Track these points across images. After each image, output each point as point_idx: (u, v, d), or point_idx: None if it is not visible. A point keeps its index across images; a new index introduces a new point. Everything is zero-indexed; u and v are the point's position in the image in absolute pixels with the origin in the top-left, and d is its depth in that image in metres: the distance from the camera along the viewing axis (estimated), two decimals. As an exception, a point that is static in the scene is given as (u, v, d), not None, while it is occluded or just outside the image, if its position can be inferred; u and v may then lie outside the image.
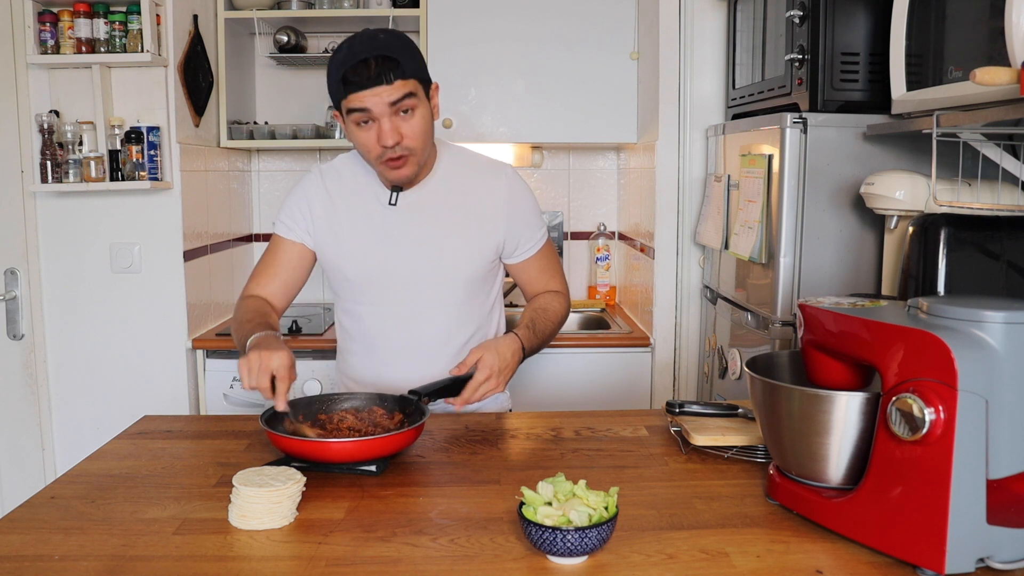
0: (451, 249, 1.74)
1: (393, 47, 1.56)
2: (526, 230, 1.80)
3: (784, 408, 1.20)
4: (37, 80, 2.64)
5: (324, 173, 1.78)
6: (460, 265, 1.75)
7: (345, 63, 1.55)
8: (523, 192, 1.81)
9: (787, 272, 2.02)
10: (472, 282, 1.77)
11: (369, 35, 1.58)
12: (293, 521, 1.24)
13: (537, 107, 3.00)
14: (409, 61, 1.58)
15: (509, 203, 1.76)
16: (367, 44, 1.55)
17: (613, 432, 1.64)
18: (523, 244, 1.81)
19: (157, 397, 2.73)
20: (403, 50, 1.57)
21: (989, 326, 1.04)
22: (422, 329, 1.76)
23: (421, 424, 1.47)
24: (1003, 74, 1.29)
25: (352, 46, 1.57)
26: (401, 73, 1.55)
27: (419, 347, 1.76)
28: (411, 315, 1.75)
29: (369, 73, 1.53)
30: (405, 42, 1.60)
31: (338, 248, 1.75)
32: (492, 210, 1.76)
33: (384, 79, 1.54)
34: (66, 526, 1.23)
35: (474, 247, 1.75)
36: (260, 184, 3.46)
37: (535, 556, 1.12)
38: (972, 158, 1.56)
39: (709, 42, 2.64)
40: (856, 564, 1.09)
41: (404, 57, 1.56)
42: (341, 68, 1.55)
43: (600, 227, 3.44)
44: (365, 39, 1.57)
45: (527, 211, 1.80)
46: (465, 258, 1.75)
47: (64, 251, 2.72)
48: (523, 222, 1.79)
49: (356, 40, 1.57)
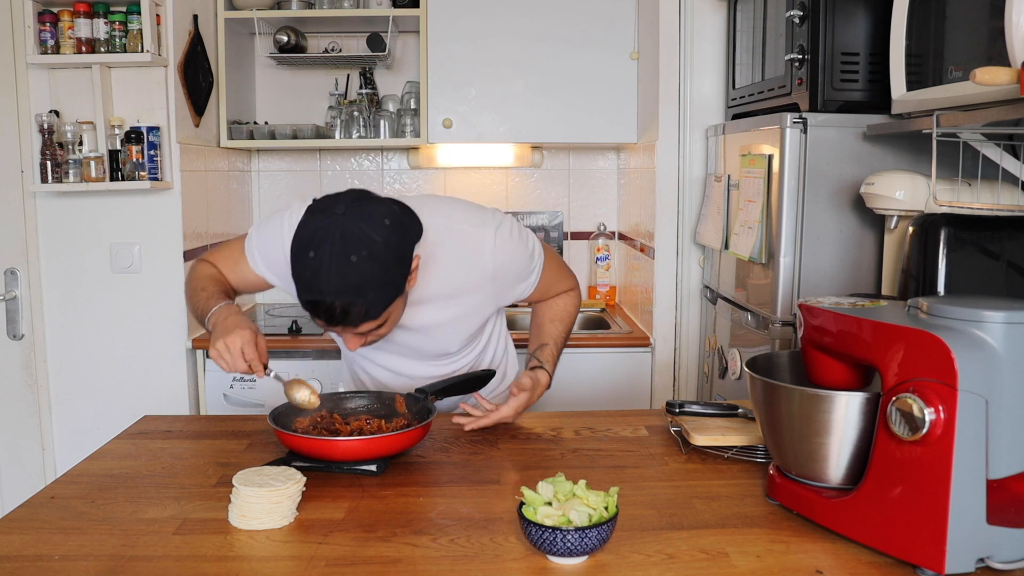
0: (440, 330, 1.67)
1: (364, 288, 1.33)
2: (519, 284, 1.69)
3: (784, 408, 1.20)
4: (37, 80, 2.64)
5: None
6: (451, 341, 1.71)
7: (309, 290, 1.34)
8: (508, 255, 1.63)
9: (787, 272, 2.02)
10: (467, 342, 1.75)
11: (341, 261, 1.31)
12: (293, 521, 1.24)
13: (537, 107, 2.99)
14: (378, 300, 1.37)
15: (495, 276, 1.63)
16: (336, 279, 1.32)
17: (613, 432, 1.64)
18: (521, 293, 1.72)
19: (157, 397, 2.73)
20: (374, 288, 1.35)
21: (989, 326, 1.04)
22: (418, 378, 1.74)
23: (428, 422, 1.47)
24: (1003, 74, 1.28)
25: (319, 272, 1.32)
26: (368, 316, 1.38)
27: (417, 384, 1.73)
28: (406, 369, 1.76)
29: (333, 315, 1.35)
30: (383, 271, 1.35)
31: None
32: (478, 286, 1.63)
33: (348, 324, 1.38)
34: (66, 526, 1.23)
35: (465, 324, 1.69)
36: (260, 184, 3.46)
37: (535, 556, 1.12)
38: (972, 158, 1.56)
39: (709, 42, 2.64)
40: (856, 564, 1.09)
41: (374, 298, 1.36)
42: (304, 292, 1.36)
43: (600, 227, 3.44)
44: (336, 266, 1.31)
45: (517, 270, 1.67)
46: (456, 334, 1.70)
47: (64, 251, 2.72)
48: (515, 280, 1.68)
49: (324, 262, 1.32)
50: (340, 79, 3.30)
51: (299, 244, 1.36)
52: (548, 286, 1.77)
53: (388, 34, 3.03)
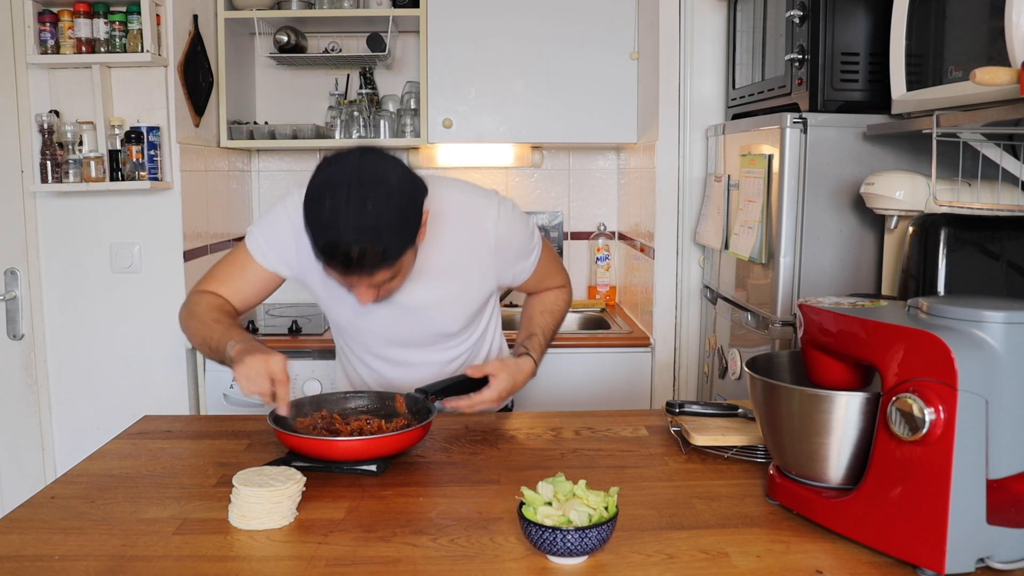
0: (440, 308, 1.67)
1: (381, 232, 1.34)
2: (519, 262, 1.71)
3: (784, 408, 1.20)
4: (37, 80, 2.64)
5: None
6: (452, 321, 1.71)
7: (325, 233, 1.34)
8: (510, 232, 1.65)
9: (787, 272, 2.02)
10: (467, 323, 1.74)
11: (358, 204, 1.32)
12: (293, 521, 1.24)
13: (537, 107, 2.99)
14: (395, 245, 1.38)
15: (497, 250, 1.64)
16: (354, 220, 1.32)
17: (613, 432, 1.64)
18: (519, 274, 1.74)
19: (157, 397, 2.73)
20: (391, 233, 1.36)
21: (989, 326, 1.04)
22: (417, 364, 1.75)
23: (429, 422, 1.47)
24: (1003, 74, 1.29)
25: (336, 214, 1.32)
26: (385, 263, 1.38)
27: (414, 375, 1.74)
28: (405, 357, 1.75)
29: (350, 260, 1.35)
30: (399, 216, 1.37)
31: (321, 296, 1.68)
32: (479, 260, 1.64)
33: (365, 271, 1.37)
34: (66, 526, 1.23)
35: (465, 301, 1.69)
36: (260, 184, 3.46)
37: (535, 556, 1.12)
38: (972, 158, 1.56)
39: (709, 42, 2.64)
40: (856, 564, 1.09)
41: (391, 243, 1.36)
42: (320, 236, 1.35)
43: (600, 227, 3.44)
44: (354, 209, 1.32)
45: (519, 247, 1.69)
46: (457, 313, 1.70)
47: (64, 251, 2.72)
48: (515, 256, 1.69)
49: (342, 205, 1.32)
50: (340, 79, 3.30)
51: (314, 191, 1.36)
52: (543, 276, 1.79)
53: (388, 34, 3.03)
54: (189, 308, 1.63)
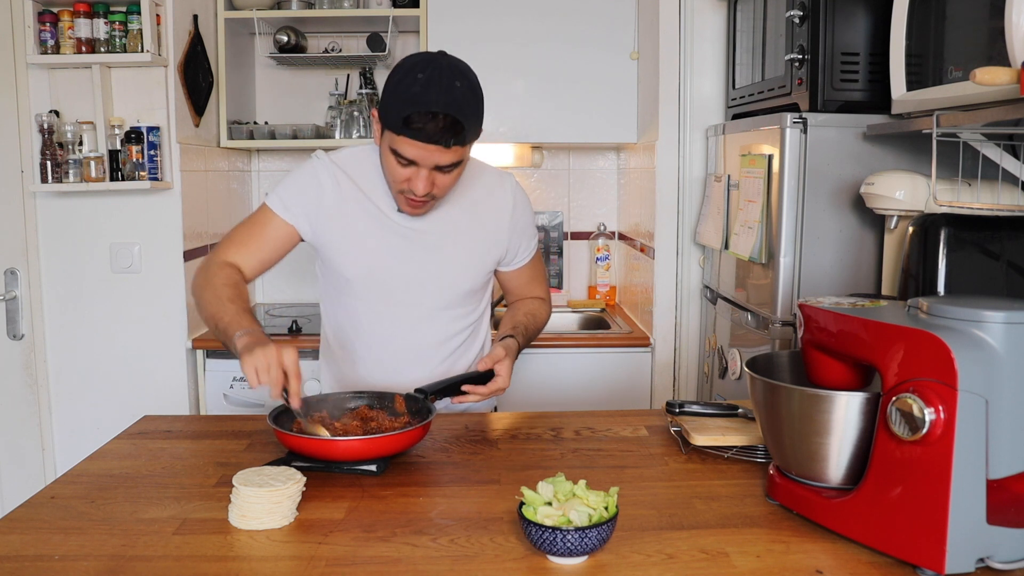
0: (454, 261, 1.73)
1: (466, 110, 1.48)
2: (525, 240, 1.82)
3: (784, 408, 1.20)
4: (37, 80, 2.64)
5: (336, 165, 1.70)
6: (462, 277, 1.75)
7: (415, 103, 1.45)
8: (525, 204, 1.82)
9: (787, 272, 2.02)
10: (471, 292, 1.78)
11: (448, 81, 1.47)
12: (293, 521, 1.24)
13: (537, 107, 3.00)
14: (473, 127, 1.52)
15: (513, 216, 1.77)
16: (444, 95, 1.46)
17: (613, 432, 1.64)
18: (520, 254, 1.83)
19: (157, 397, 2.73)
20: (473, 115, 1.51)
21: (989, 326, 1.04)
22: (419, 333, 1.76)
23: (428, 422, 1.47)
24: (1003, 74, 1.29)
25: (429, 86, 1.45)
26: (462, 140, 1.50)
27: (415, 350, 1.75)
28: (409, 319, 1.75)
29: (435, 128, 1.46)
30: (477, 103, 1.52)
31: (340, 246, 1.71)
32: (497, 222, 1.76)
33: (444, 142, 1.48)
34: (66, 526, 1.23)
35: (477, 260, 1.76)
36: (260, 184, 3.46)
37: (535, 556, 1.12)
38: (972, 158, 1.56)
39: (709, 42, 2.64)
40: (856, 564, 1.09)
41: (471, 123, 1.50)
42: (409, 106, 1.46)
43: (600, 227, 3.44)
44: (444, 85, 1.46)
45: (528, 223, 1.82)
46: (467, 271, 1.75)
47: (64, 251, 2.72)
48: (523, 233, 1.81)
49: (435, 80, 1.46)
50: (340, 79, 3.30)
51: (405, 67, 1.49)
52: (532, 276, 1.89)
53: (388, 34, 3.03)
54: (207, 276, 1.64)
